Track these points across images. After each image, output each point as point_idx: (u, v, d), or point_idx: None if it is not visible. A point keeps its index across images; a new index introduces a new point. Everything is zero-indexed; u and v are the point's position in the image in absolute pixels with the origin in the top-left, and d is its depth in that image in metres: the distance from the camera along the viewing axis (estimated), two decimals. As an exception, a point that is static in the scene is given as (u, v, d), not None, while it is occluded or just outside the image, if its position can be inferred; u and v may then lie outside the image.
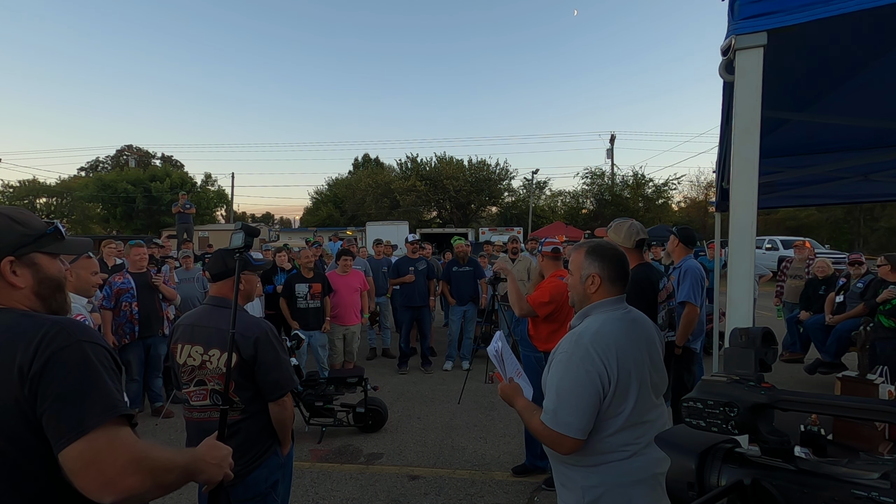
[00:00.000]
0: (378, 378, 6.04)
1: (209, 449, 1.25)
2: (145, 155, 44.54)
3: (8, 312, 1.03)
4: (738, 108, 1.30)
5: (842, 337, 5.44)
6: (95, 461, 0.91)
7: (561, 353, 1.62)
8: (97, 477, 0.90)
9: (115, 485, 0.91)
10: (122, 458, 0.93)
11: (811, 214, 25.78)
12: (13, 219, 1.09)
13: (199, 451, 1.23)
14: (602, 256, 1.71)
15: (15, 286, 1.06)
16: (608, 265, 1.69)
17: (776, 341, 0.73)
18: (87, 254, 2.89)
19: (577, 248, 1.80)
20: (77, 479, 0.91)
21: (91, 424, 0.92)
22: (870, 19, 1.40)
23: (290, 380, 2.00)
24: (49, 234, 1.12)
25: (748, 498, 0.61)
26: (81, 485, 0.91)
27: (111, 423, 0.94)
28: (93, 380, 0.96)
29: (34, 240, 1.10)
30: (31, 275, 1.09)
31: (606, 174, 29.95)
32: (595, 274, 1.69)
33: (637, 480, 1.56)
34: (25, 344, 0.95)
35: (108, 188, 32.51)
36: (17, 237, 1.07)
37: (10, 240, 1.06)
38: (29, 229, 1.10)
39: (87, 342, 0.99)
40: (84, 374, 0.96)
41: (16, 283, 1.06)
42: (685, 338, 3.58)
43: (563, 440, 1.54)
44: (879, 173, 3.82)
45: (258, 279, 2.20)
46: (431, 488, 3.56)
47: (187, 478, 1.10)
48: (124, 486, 0.92)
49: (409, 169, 31.55)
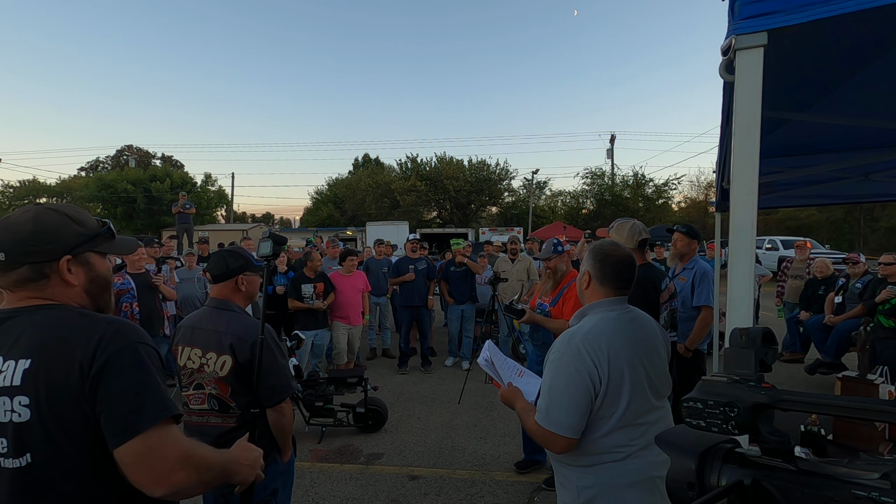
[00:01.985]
0: (378, 378, 6.04)
1: (242, 451, 1.27)
2: (145, 155, 44.57)
3: (63, 309, 1.06)
4: (738, 108, 1.30)
5: (842, 337, 5.44)
6: (149, 457, 0.97)
7: (554, 353, 1.63)
8: (150, 472, 0.96)
9: (165, 479, 0.97)
10: (172, 454, 0.99)
11: (811, 214, 25.78)
12: (71, 217, 1.11)
13: (234, 452, 1.25)
14: (595, 256, 1.75)
15: (69, 284, 1.09)
16: (598, 265, 1.72)
17: (776, 341, 0.73)
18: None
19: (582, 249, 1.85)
20: (131, 473, 0.97)
21: (146, 424, 0.97)
22: (870, 19, 1.40)
23: (289, 385, 1.96)
24: (103, 233, 1.15)
25: (748, 498, 0.61)
26: (135, 479, 0.97)
27: (163, 423, 1.00)
28: (147, 381, 1.01)
29: (89, 239, 1.12)
30: (84, 273, 1.11)
31: (606, 174, 29.98)
32: (587, 271, 1.74)
33: (632, 483, 1.56)
34: (84, 343, 0.98)
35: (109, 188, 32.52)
36: (74, 236, 1.10)
37: (69, 239, 1.09)
38: (85, 228, 1.12)
39: (139, 343, 1.04)
40: (139, 375, 1.01)
41: (70, 281, 1.09)
42: (699, 341, 3.59)
43: (555, 439, 1.55)
44: (879, 173, 3.82)
45: (260, 279, 2.19)
46: (431, 488, 3.56)
47: (224, 478, 1.13)
48: (173, 480, 0.98)
49: (410, 169, 31.56)
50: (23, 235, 1.05)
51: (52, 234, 1.07)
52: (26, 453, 0.96)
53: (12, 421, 0.96)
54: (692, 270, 3.80)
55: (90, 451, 0.98)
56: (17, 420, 0.96)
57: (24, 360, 0.97)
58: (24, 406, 0.95)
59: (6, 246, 1.04)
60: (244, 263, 2.06)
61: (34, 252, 1.05)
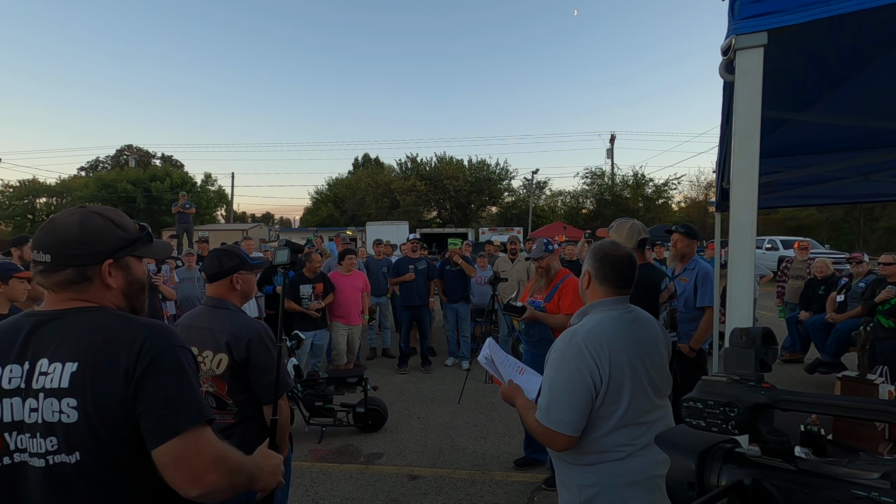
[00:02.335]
0: (378, 378, 6.04)
1: (265, 457, 1.28)
2: (145, 155, 44.57)
3: (103, 312, 1.09)
4: (738, 108, 1.30)
5: (842, 337, 5.44)
6: (185, 458, 1.00)
7: (555, 351, 1.63)
8: (186, 472, 1.00)
9: (200, 479, 1.00)
10: (207, 456, 1.02)
11: (811, 214, 25.78)
12: (114, 221, 1.13)
13: (257, 459, 1.26)
14: (594, 256, 1.76)
15: (109, 287, 1.11)
16: (597, 264, 1.73)
17: (776, 341, 0.73)
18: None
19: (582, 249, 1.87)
20: (168, 473, 1.00)
21: (184, 426, 1.01)
22: (870, 19, 1.40)
23: (286, 382, 1.97)
24: (143, 237, 1.18)
25: (748, 498, 0.61)
26: (171, 478, 1.00)
27: (200, 425, 1.03)
28: (186, 384, 1.05)
29: (130, 243, 1.14)
30: (122, 276, 1.14)
31: (606, 174, 29.98)
32: (588, 271, 1.76)
33: (633, 482, 1.56)
34: (128, 347, 1.02)
35: (108, 188, 32.53)
36: (116, 240, 1.12)
37: (111, 243, 1.11)
38: (126, 233, 1.15)
39: (178, 347, 1.07)
40: (178, 378, 1.04)
41: (111, 283, 1.11)
42: (703, 341, 3.62)
43: (556, 437, 1.55)
44: (879, 173, 3.81)
45: (255, 278, 2.20)
46: (431, 488, 3.56)
47: (249, 483, 1.14)
48: (207, 480, 1.01)
49: (409, 169, 31.57)
50: (69, 238, 1.07)
51: (97, 237, 1.09)
52: (76, 451, 0.99)
53: (61, 421, 0.98)
54: (693, 271, 3.82)
55: (133, 449, 1.02)
56: (65, 421, 0.98)
57: (70, 363, 0.99)
58: (72, 408, 0.98)
59: (52, 248, 1.06)
60: (238, 263, 2.08)
61: (79, 255, 1.07)
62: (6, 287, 2.76)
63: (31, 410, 0.99)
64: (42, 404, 0.99)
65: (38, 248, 1.07)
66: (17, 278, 2.82)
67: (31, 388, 1.00)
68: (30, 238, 4.45)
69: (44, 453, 0.99)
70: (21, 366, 1.01)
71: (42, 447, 0.99)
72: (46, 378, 0.99)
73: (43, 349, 1.02)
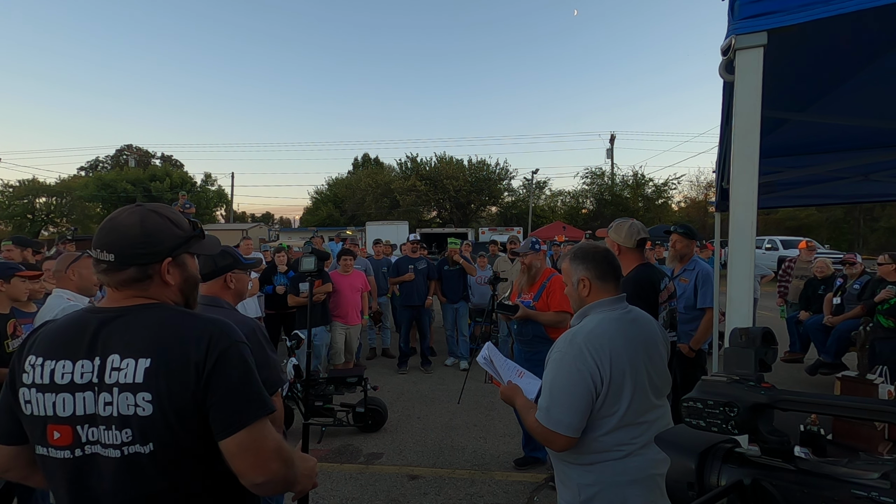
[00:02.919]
0: (378, 378, 6.04)
1: (301, 461, 1.29)
2: (145, 155, 44.57)
3: (165, 308, 1.13)
4: (738, 108, 1.30)
5: (841, 337, 5.44)
6: (252, 448, 1.05)
7: (556, 352, 1.63)
8: (253, 460, 1.05)
9: (265, 467, 1.06)
10: (271, 446, 1.08)
11: (811, 214, 25.78)
12: (171, 220, 1.17)
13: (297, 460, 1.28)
14: (585, 258, 1.75)
15: (168, 284, 1.15)
16: (593, 265, 1.72)
17: (776, 341, 0.73)
18: (88, 253, 2.90)
19: (563, 259, 1.85)
20: (236, 461, 1.05)
21: (251, 418, 1.06)
22: (870, 19, 1.40)
23: (279, 378, 1.98)
24: (196, 235, 1.21)
25: (748, 498, 0.61)
26: (239, 466, 1.05)
27: (264, 417, 1.08)
28: (251, 378, 1.10)
29: (186, 241, 1.18)
30: (179, 273, 1.18)
31: (606, 174, 29.98)
32: (584, 277, 1.73)
33: (633, 480, 1.57)
34: (196, 342, 1.06)
35: (108, 188, 32.52)
36: (174, 239, 1.15)
37: (170, 241, 1.14)
38: (182, 231, 1.18)
39: (241, 343, 1.11)
40: (244, 372, 1.09)
41: (169, 281, 1.15)
42: (703, 341, 3.63)
43: (555, 437, 1.55)
44: (879, 173, 3.82)
45: (249, 278, 2.21)
46: (431, 488, 3.56)
47: (294, 481, 1.17)
48: (270, 469, 1.07)
49: (409, 169, 31.56)
50: (132, 238, 1.10)
51: (157, 237, 1.12)
52: (149, 443, 1.03)
53: (137, 415, 1.02)
54: (693, 272, 3.82)
55: (202, 439, 1.06)
56: (141, 414, 1.02)
57: (143, 359, 1.03)
58: (146, 402, 1.02)
59: (116, 248, 1.09)
60: (232, 262, 2.11)
61: (142, 255, 1.10)
62: (8, 286, 2.77)
63: (106, 404, 1.03)
64: (117, 398, 1.02)
65: (100, 247, 1.10)
66: (18, 277, 2.82)
67: (105, 383, 1.03)
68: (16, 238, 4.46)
69: (119, 444, 1.03)
70: (91, 361, 1.05)
71: (118, 439, 1.03)
72: (120, 373, 1.03)
73: (112, 345, 1.05)
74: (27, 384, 1.06)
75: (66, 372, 1.04)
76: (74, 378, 1.04)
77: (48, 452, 1.05)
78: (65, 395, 1.04)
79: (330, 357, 5.80)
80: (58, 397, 1.04)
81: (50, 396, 1.04)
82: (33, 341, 1.11)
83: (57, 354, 1.06)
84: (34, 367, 1.06)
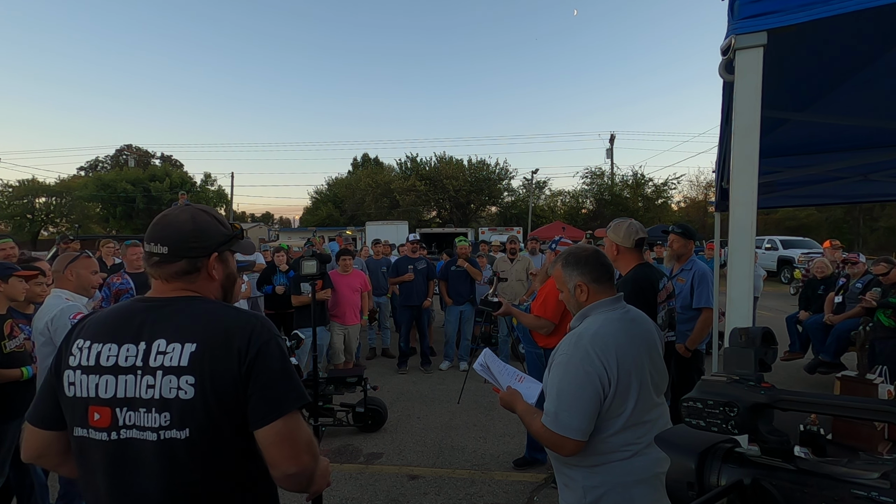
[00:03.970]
0: (378, 378, 6.04)
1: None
2: (145, 155, 44.55)
3: (209, 301, 1.19)
4: (738, 108, 1.30)
5: (841, 337, 5.44)
6: (288, 437, 1.08)
7: (561, 355, 1.62)
8: (287, 450, 1.08)
9: (298, 458, 1.08)
10: (304, 437, 1.11)
11: (811, 214, 25.78)
12: (217, 219, 1.24)
13: None
14: (578, 262, 1.74)
15: (212, 278, 1.22)
16: (586, 267, 1.72)
17: (776, 341, 0.73)
18: (86, 253, 2.90)
19: (554, 265, 1.83)
20: (270, 450, 1.07)
21: (289, 408, 1.09)
22: (870, 19, 1.40)
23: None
24: (237, 234, 1.28)
25: (748, 498, 0.61)
26: (272, 456, 1.07)
27: (298, 409, 1.12)
28: (289, 370, 1.13)
29: (229, 239, 1.25)
30: (222, 269, 1.24)
31: (606, 174, 29.98)
32: (580, 282, 1.72)
33: (638, 480, 1.56)
34: (241, 331, 1.10)
35: (108, 188, 32.53)
36: (220, 236, 1.22)
37: (217, 238, 1.21)
38: (227, 229, 1.25)
39: (278, 336, 1.16)
40: (283, 364, 1.12)
41: (214, 275, 1.21)
42: (699, 342, 3.61)
43: (564, 442, 1.54)
44: (879, 173, 3.82)
45: (243, 280, 2.22)
46: (431, 488, 3.56)
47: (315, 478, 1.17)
48: (303, 461, 1.09)
49: (409, 169, 31.56)
50: (185, 233, 1.16)
51: (207, 232, 1.19)
52: (186, 427, 1.05)
53: (178, 398, 1.05)
54: (690, 272, 3.82)
55: (237, 428, 1.08)
56: (182, 397, 1.05)
57: (190, 343, 1.07)
58: (189, 385, 1.05)
59: (170, 241, 1.16)
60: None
61: (193, 248, 1.17)
62: (6, 286, 2.77)
63: (148, 387, 1.06)
64: (161, 381, 1.05)
65: (154, 240, 1.15)
66: (16, 277, 2.82)
67: (149, 366, 1.06)
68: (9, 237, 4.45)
69: (157, 428, 1.05)
70: (136, 346, 1.08)
71: (156, 422, 1.05)
72: (165, 357, 1.06)
73: (159, 331, 1.09)
74: (73, 366, 1.09)
75: (112, 355, 1.08)
76: (119, 361, 1.08)
77: (88, 434, 1.08)
78: (108, 377, 1.07)
79: (329, 357, 5.80)
80: (101, 379, 1.07)
81: (94, 378, 1.07)
82: (83, 326, 1.15)
83: (104, 338, 1.10)
84: (81, 349, 1.10)
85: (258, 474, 1.13)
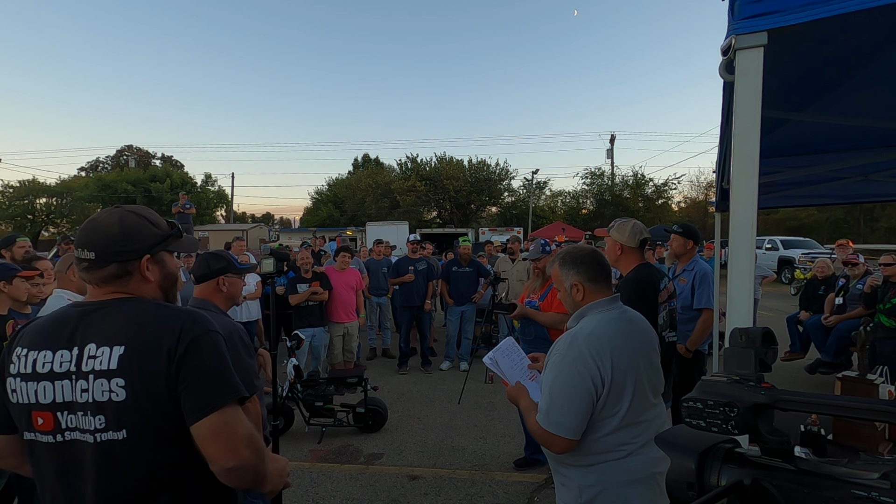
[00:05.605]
0: (378, 378, 6.04)
1: (272, 461, 1.30)
2: (145, 155, 44.57)
3: (144, 302, 1.18)
4: (738, 108, 1.30)
5: (842, 337, 5.44)
6: (224, 432, 1.08)
7: (555, 354, 1.63)
8: (223, 445, 1.07)
9: (235, 452, 1.08)
10: (242, 431, 1.10)
11: (811, 214, 25.76)
12: (148, 219, 1.23)
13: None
14: (575, 262, 1.74)
15: (147, 280, 1.21)
16: (584, 268, 1.72)
17: (776, 341, 0.73)
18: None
19: (552, 265, 1.84)
20: (207, 445, 1.07)
21: (222, 402, 1.09)
22: (869, 19, 1.40)
23: (251, 383, 1.91)
24: (174, 234, 1.27)
25: (748, 498, 0.61)
26: (209, 451, 1.07)
27: (234, 403, 1.11)
28: (223, 364, 1.13)
29: (163, 239, 1.24)
30: (158, 270, 1.24)
31: (606, 174, 29.97)
32: (576, 282, 1.73)
33: (633, 480, 1.57)
34: (170, 330, 1.10)
35: (109, 188, 32.51)
36: (152, 237, 1.21)
37: (148, 239, 1.20)
38: (160, 230, 1.24)
39: (212, 331, 1.15)
40: (216, 359, 1.12)
41: (148, 277, 1.21)
42: (699, 343, 3.60)
43: (555, 440, 1.55)
44: (879, 173, 3.81)
45: (242, 282, 2.22)
46: (431, 488, 3.56)
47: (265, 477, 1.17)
48: (241, 455, 1.08)
49: (409, 169, 31.53)
50: (111, 237, 1.16)
51: (136, 235, 1.18)
52: (123, 429, 1.07)
53: (111, 400, 1.06)
54: (692, 272, 3.80)
55: (174, 425, 1.09)
56: (115, 399, 1.06)
57: (118, 346, 1.08)
58: (120, 387, 1.06)
59: (96, 246, 1.15)
60: (226, 265, 2.12)
61: (121, 252, 1.16)
62: (10, 287, 2.77)
63: (83, 391, 1.07)
64: (93, 385, 1.07)
65: (82, 246, 1.15)
66: (20, 278, 2.83)
67: (82, 371, 1.08)
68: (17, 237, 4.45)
69: (94, 430, 1.07)
70: (70, 351, 1.10)
71: (92, 425, 1.07)
72: (96, 361, 1.08)
73: (91, 335, 1.10)
74: (13, 374, 1.11)
75: (47, 361, 1.09)
76: (54, 367, 1.09)
77: (36, 437, 1.10)
78: (45, 384, 1.09)
79: (328, 357, 5.79)
80: (39, 385, 1.09)
81: (32, 385, 1.09)
82: (21, 334, 1.16)
83: (40, 345, 1.11)
84: (20, 357, 1.11)
85: (205, 476, 1.12)
